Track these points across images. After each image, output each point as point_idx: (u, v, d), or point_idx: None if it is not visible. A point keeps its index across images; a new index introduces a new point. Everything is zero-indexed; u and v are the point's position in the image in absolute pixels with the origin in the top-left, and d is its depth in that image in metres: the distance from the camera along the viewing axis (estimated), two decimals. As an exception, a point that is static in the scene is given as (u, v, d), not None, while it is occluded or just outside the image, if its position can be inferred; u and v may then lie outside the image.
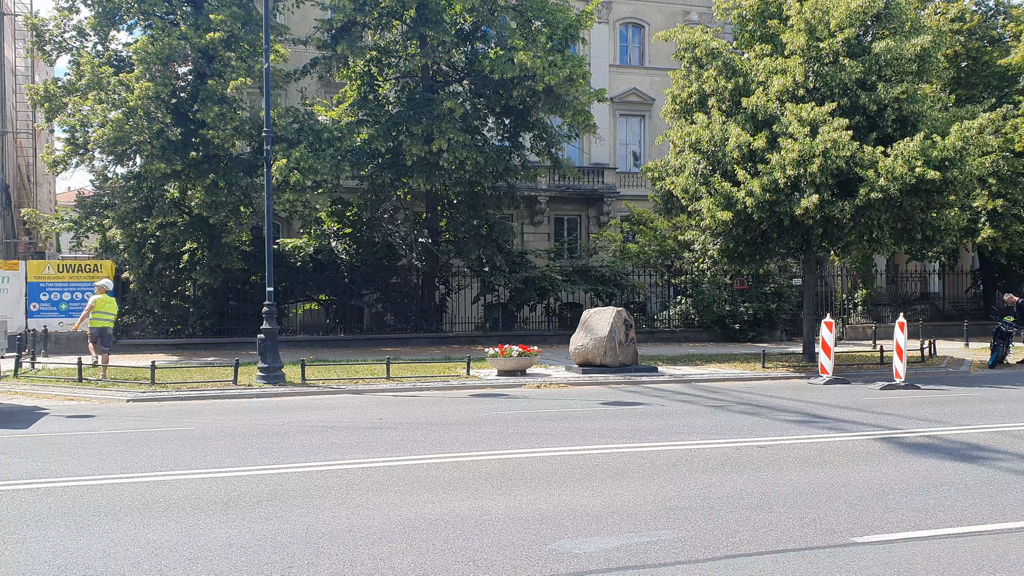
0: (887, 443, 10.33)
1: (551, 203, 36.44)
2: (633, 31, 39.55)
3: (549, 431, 11.25)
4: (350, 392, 15.91)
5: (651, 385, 17.09)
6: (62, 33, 25.07)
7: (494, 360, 18.50)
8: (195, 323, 26.46)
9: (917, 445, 10.20)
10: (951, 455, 9.53)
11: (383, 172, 27.71)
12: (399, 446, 10.13)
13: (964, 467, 8.91)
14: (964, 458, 9.37)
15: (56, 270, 24.95)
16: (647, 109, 38.57)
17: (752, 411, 13.26)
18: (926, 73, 19.40)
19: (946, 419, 12.24)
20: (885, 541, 6.34)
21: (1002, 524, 6.79)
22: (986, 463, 9.12)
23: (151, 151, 23.53)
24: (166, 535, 6.49)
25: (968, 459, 9.32)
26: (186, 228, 25.60)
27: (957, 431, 11.19)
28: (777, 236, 19.62)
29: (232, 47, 24.49)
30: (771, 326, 29.81)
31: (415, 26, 26.48)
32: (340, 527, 6.69)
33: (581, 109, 26.65)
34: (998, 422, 12.08)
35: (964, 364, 21.43)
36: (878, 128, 18.72)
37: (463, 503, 7.42)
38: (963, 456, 9.48)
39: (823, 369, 17.53)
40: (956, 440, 10.49)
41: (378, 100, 28.18)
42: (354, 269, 28.65)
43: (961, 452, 9.70)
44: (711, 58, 20.26)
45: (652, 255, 31.21)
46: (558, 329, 29.54)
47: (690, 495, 7.70)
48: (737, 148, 18.68)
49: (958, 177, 17.64)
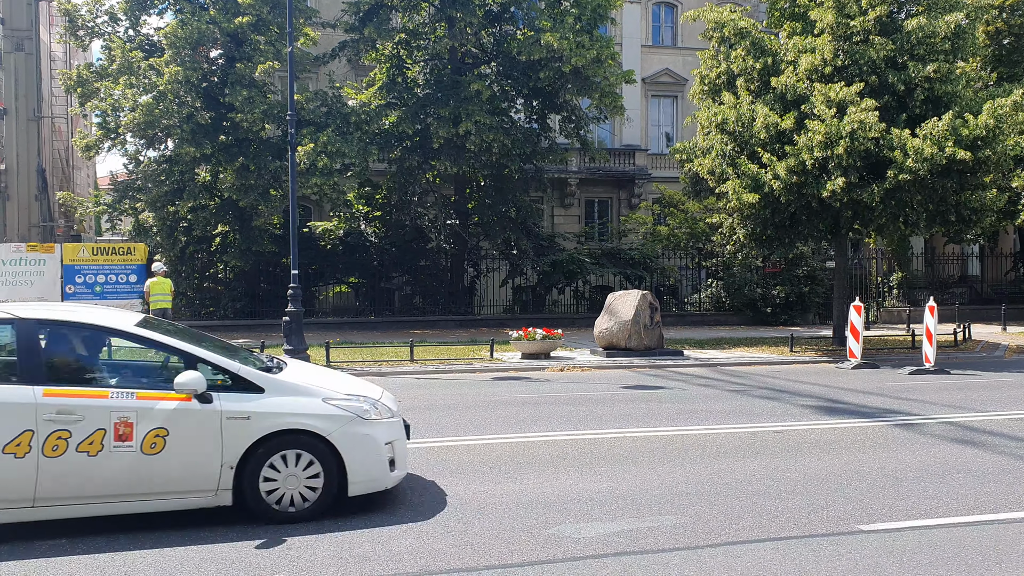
0: (907, 429, 10.15)
1: (581, 185, 36.23)
2: (666, 11, 39.04)
3: (564, 414, 11.22)
4: (373, 375, 15.97)
5: (675, 369, 16.97)
6: (94, 18, 25.39)
7: (518, 343, 18.48)
8: (227, 305, 26.76)
9: (937, 431, 10.01)
10: (970, 442, 9.34)
11: (411, 155, 27.74)
12: (414, 429, 10.08)
13: (982, 454, 8.73)
14: (983, 445, 9.18)
15: (91, 253, 25.32)
16: (679, 90, 38.10)
17: (773, 396, 13.11)
18: (961, 51, 18.88)
19: (971, 405, 12.00)
20: (892, 529, 6.24)
21: (1015, 513, 6.65)
22: (1006, 450, 8.92)
23: (181, 135, 23.80)
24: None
25: (987, 446, 9.13)
26: (217, 211, 25.88)
27: (980, 417, 10.97)
28: (806, 219, 19.32)
29: (261, 31, 24.61)
30: (804, 310, 29.42)
31: (443, 8, 26.40)
32: (343, 509, 6.73)
33: (609, 91, 26.42)
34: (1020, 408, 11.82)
35: (999, 349, 20.98)
36: (907, 109, 18.31)
37: (468, 486, 7.43)
38: (983, 443, 9.28)
39: (851, 353, 17.26)
40: (978, 426, 10.27)
41: (406, 83, 28.17)
42: (383, 252, 28.76)
43: (981, 439, 9.50)
44: (739, 38, 19.93)
45: (682, 238, 30.93)
46: (587, 312, 29.38)
47: (698, 481, 7.63)
48: (764, 129, 18.39)
49: (991, 157, 17.19)
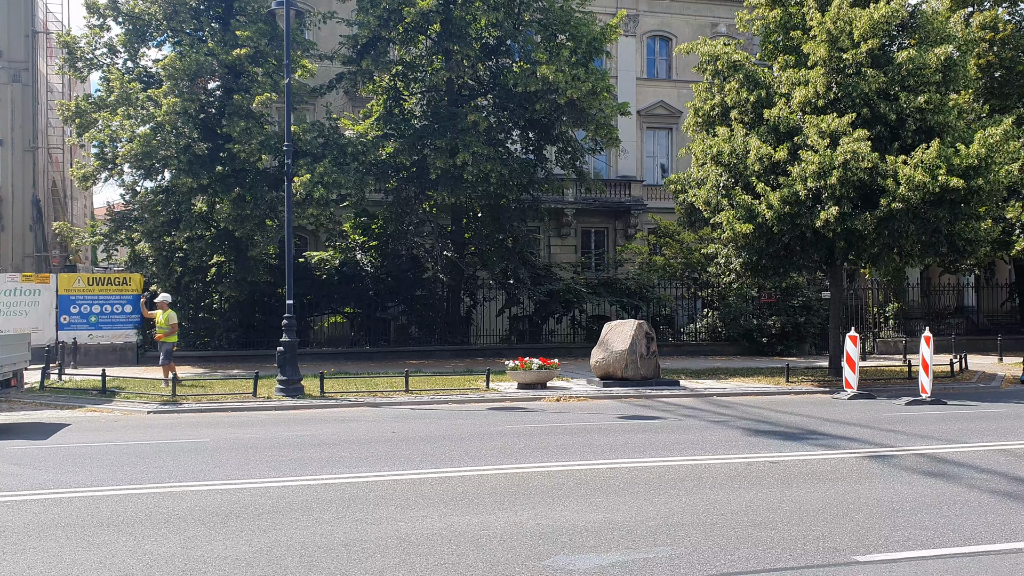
0: (903, 459, 10.12)
1: (578, 216, 36.39)
2: (660, 44, 39.47)
3: (560, 445, 11.17)
4: (368, 405, 15.94)
5: (671, 399, 16.94)
6: (93, 50, 25.53)
7: (514, 373, 18.45)
8: (222, 335, 26.71)
9: (933, 462, 9.98)
10: (967, 473, 9.31)
11: (408, 185, 27.85)
12: (407, 460, 10.12)
13: (979, 485, 8.70)
14: (979, 476, 9.14)
15: (86, 283, 25.32)
16: (674, 122, 38.40)
17: (769, 426, 13.07)
18: (953, 83, 19.07)
19: (967, 436, 11.97)
20: (888, 560, 6.21)
21: (1010, 544, 6.62)
22: (1001, 482, 8.89)
23: (178, 165, 23.87)
24: (164, 547, 6.53)
25: (983, 477, 9.10)
26: (213, 241, 25.90)
27: (976, 448, 10.94)
28: (800, 249, 19.40)
29: (259, 62, 24.78)
30: (800, 340, 29.45)
31: (440, 41, 26.63)
32: (337, 541, 6.68)
33: (604, 123, 26.60)
34: (1021, 439, 11.78)
35: (995, 379, 20.99)
36: (899, 139, 18.48)
37: (463, 518, 7.38)
38: (979, 474, 9.25)
39: (847, 384, 17.26)
40: (973, 457, 10.25)
41: (403, 114, 28.34)
42: (379, 282, 28.76)
43: (978, 470, 9.47)
44: (733, 71, 20.13)
45: (678, 268, 31.03)
46: (584, 342, 29.33)
47: (694, 511, 7.59)
48: (758, 160, 18.53)
49: (983, 186, 17.31)
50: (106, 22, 25.44)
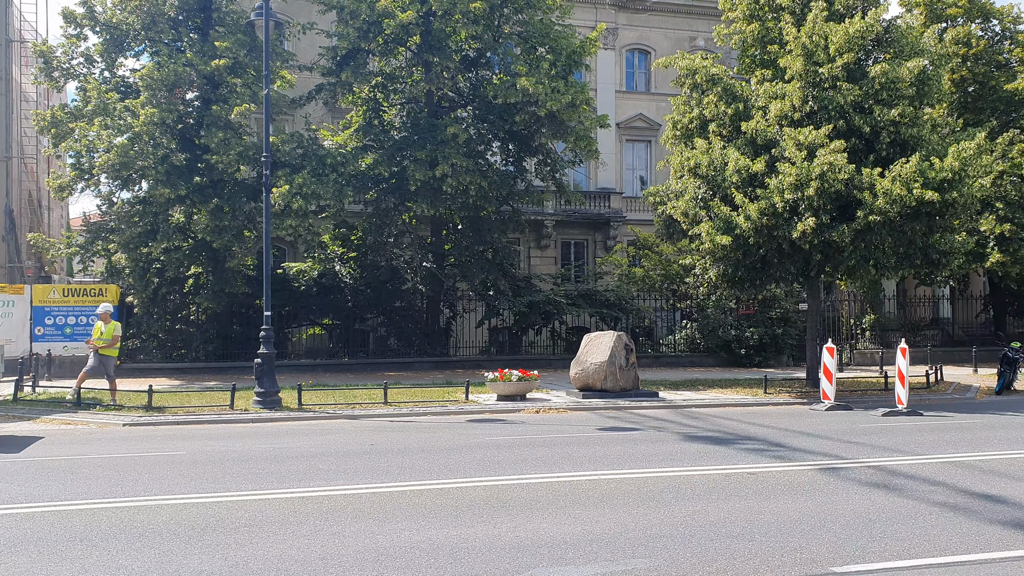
0: (879, 471, 10.18)
1: (558, 227, 36.45)
2: (640, 57, 39.70)
3: (540, 457, 11.15)
4: (346, 417, 15.85)
5: (650, 411, 16.96)
6: (69, 60, 25.33)
7: (494, 385, 18.42)
8: (199, 347, 26.49)
9: (910, 473, 10.05)
10: (943, 483, 9.38)
11: (387, 197, 27.81)
12: (386, 472, 10.06)
13: (955, 495, 8.76)
14: (956, 486, 9.22)
15: (61, 294, 25.06)
16: (653, 134, 38.58)
17: (747, 437, 13.12)
18: (927, 97, 19.32)
19: (943, 447, 12.07)
20: (865, 571, 6.24)
21: (987, 554, 6.67)
22: (977, 491, 8.96)
23: (156, 176, 23.72)
24: (138, 561, 6.45)
25: (960, 487, 9.17)
26: (190, 252, 25.73)
27: (953, 458, 11.03)
28: (777, 261, 19.53)
29: (237, 73, 24.69)
30: (777, 351, 29.64)
31: (419, 53, 26.66)
32: (314, 555, 6.62)
33: (584, 135, 26.69)
34: (995, 450, 11.90)
35: (970, 390, 21.20)
36: (875, 151, 18.69)
37: (441, 531, 7.35)
38: (955, 484, 9.32)
39: (825, 395, 17.36)
40: (949, 468, 10.33)
41: (383, 126, 28.32)
42: (358, 293, 28.66)
43: (954, 480, 9.55)
44: (711, 84, 20.28)
45: (657, 279, 31.13)
46: (563, 353, 29.35)
47: (672, 523, 7.60)
48: (736, 172, 18.66)
49: (958, 199, 17.53)
50: (83, 31, 25.25)
